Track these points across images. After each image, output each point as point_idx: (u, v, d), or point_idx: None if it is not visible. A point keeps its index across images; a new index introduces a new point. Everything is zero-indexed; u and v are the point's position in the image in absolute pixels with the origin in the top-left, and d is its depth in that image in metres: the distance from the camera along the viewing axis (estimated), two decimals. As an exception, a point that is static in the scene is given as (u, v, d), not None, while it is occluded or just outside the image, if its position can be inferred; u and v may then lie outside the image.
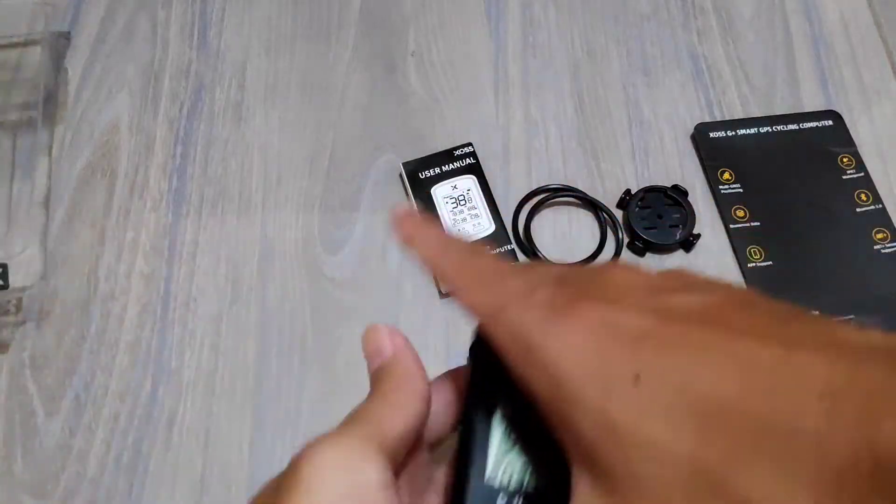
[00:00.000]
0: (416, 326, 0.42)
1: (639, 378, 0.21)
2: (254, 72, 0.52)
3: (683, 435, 0.20)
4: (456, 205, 0.46)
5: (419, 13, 0.55)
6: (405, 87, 0.52)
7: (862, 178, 0.48)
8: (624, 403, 0.21)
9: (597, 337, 0.22)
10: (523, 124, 0.50)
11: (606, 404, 0.21)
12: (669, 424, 0.20)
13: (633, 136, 0.50)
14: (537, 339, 0.23)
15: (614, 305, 0.23)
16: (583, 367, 0.22)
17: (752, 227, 0.47)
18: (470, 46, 0.54)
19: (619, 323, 0.22)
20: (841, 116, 0.50)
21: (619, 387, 0.21)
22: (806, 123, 0.50)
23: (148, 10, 0.55)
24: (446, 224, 0.45)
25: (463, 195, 0.46)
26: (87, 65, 0.52)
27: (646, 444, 0.20)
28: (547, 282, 0.25)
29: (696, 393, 0.20)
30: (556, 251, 0.46)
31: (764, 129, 0.50)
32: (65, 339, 0.43)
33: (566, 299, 0.24)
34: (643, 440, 0.20)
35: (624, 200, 0.47)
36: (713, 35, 0.54)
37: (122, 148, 0.49)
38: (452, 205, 0.46)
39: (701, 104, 0.52)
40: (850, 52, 0.54)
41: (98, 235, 0.46)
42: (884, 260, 0.46)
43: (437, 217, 0.45)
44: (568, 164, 0.49)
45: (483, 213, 0.45)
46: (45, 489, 0.39)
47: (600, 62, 0.53)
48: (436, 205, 0.46)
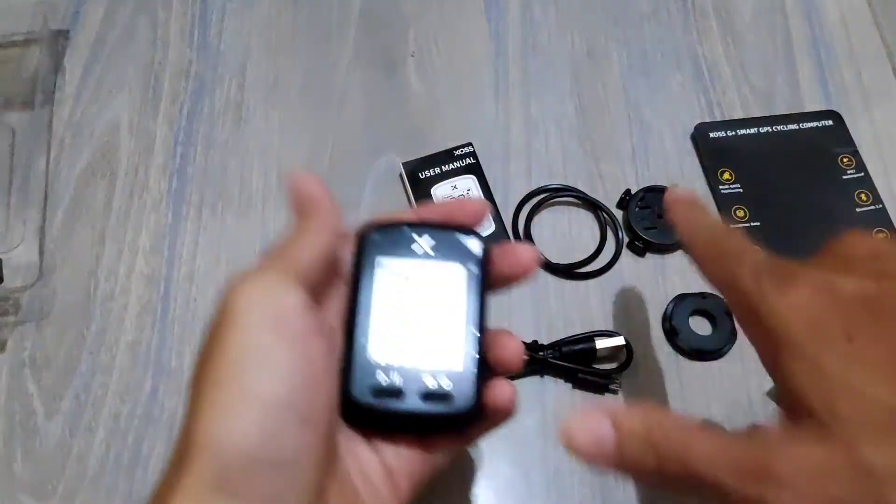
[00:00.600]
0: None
1: (851, 337, 0.25)
2: (254, 72, 0.52)
3: (888, 387, 0.23)
4: (456, 205, 0.46)
5: (419, 13, 0.55)
6: (405, 88, 0.52)
7: (862, 178, 0.48)
8: (836, 357, 0.24)
9: (815, 299, 0.26)
10: (523, 124, 0.50)
11: (821, 356, 0.25)
12: (875, 377, 0.24)
13: (633, 136, 0.50)
14: (764, 302, 0.27)
15: (836, 271, 0.27)
16: (802, 324, 0.25)
17: (751, 227, 0.47)
18: (470, 46, 0.54)
19: (836, 287, 0.26)
20: (841, 116, 0.50)
21: (834, 343, 0.25)
22: (806, 123, 0.50)
23: (148, 11, 0.55)
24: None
25: (463, 195, 0.46)
26: (87, 65, 0.52)
27: (850, 392, 0.24)
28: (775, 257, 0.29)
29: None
30: (557, 251, 0.46)
31: (764, 129, 0.50)
32: (65, 339, 0.43)
33: (790, 267, 0.28)
34: (849, 388, 0.24)
35: (624, 200, 0.47)
36: (713, 35, 0.54)
37: (122, 148, 0.49)
38: (452, 205, 0.46)
39: (701, 104, 0.52)
40: (850, 52, 0.54)
41: (98, 235, 0.46)
42: (884, 260, 0.45)
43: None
44: (568, 164, 0.49)
45: (483, 213, 0.45)
46: (45, 489, 0.39)
47: (600, 62, 0.53)
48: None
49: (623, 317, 0.44)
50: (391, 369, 0.29)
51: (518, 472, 0.40)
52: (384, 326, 0.29)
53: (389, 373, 0.29)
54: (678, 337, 0.43)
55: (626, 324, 0.43)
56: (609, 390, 0.41)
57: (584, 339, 0.42)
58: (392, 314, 0.29)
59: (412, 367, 0.29)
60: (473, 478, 0.39)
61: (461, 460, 0.40)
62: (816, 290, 0.26)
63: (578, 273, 0.45)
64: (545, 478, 0.40)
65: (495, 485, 0.39)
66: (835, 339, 0.25)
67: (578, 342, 0.42)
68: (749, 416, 0.41)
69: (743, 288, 0.28)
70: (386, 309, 0.29)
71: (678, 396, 0.42)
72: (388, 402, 0.28)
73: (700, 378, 0.42)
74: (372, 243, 0.30)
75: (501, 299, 0.44)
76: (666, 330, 0.43)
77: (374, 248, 0.30)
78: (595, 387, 0.42)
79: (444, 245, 0.31)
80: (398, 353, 0.29)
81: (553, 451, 0.40)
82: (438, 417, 0.29)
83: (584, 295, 0.45)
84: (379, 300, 0.30)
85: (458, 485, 0.39)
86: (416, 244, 0.30)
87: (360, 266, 0.30)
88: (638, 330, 0.43)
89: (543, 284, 0.45)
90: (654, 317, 0.44)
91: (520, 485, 0.39)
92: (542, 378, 0.42)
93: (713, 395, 0.42)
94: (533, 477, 0.40)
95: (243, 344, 0.25)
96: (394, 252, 0.30)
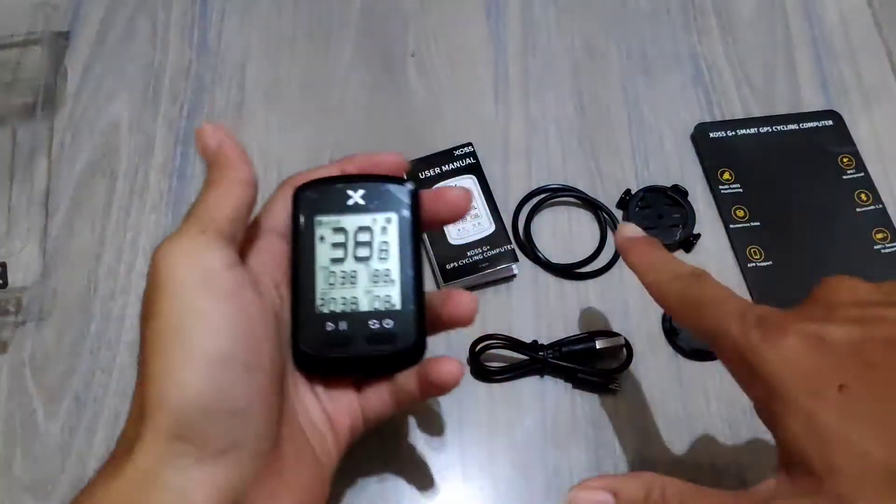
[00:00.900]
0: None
1: (844, 387, 0.24)
2: (254, 72, 0.52)
3: (881, 441, 0.23)
4: (456, 205, 0.46)
5: (419, 13, 0.55)
6: (405, 87, 0.52)
7: (862, 178, 0.48)
8: (829, 409, 0.24)
9: (806, 348, 0.26)
10: (523, 124, 0.50)
11: (814, 409, 0.25)
12: (868, 430, 0.24)
13: (633, 136, 0.50)
14: (755, 354, 0.26)
15: (823, 320, 0.26)
16: (793, 375, 0.25)
17: (752, 227, 0.47)
18: (470, 46, 0.54)
19: (827, 336, 0.26)
20: (841, 116, 0.50)
21: (826, 394, 0.25)
22: (806, 123, 0.50)
23: (148, 11, 0.55)
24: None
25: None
26: (87, 65, 0.52)
27: (846, 445, 0.24)
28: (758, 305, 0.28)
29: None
30: (556, 251, 0.46)
31: (764, 129, 0.50)
32: (65, 339, 0.43)
33: (778, 316, 0.27)
34: (843, 440, 0.24)
35: (624, 200, 0.47)
36: (713, 35, 0.54)
37: (122, 148, 0.49)
38: (452, 205, 0.46)
39: (701, 104, 0.52)
40: (850, 52, 0.54)
41: (98, 235, 0.46)
42: (884, 260, 0.45)
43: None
44: (568, 164, 0.49)
45: (483, 213, 0.45)
46: (45, 489, 0.39)
47: (600, 62, 0.53)
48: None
49: (623, 317, 0.44)
50: (337, 318, 0.31)
51: (518, 472, 0.40)
52: (327, 278, 0.32)
53: (336, 322, 0.31)
54: (678, 337, 0.43)
55: (626, 324, 0.43)
56: (609, 390, 0.41)
57: (584, 338, 0.42)
58: (334, 266, 0.32)
59: (356, 313, 0.31)
60: (473, 478, 0.40)
61: (461, 460, 0.40)
62: (806, 340, 0.26)
63: (578, 273, 0.45)
64: (545, 478, 0.40)
65: (495, 485, 0.39)
66: (827, 391, 0.25)
67: (578, 342, 0.42)
68: (748, 417, 0.41)
69: (731, 338, 0.28)
70: (327, 262, 0.32)
71: (678, 396, 0.42)
72: (337, 350, 0.31)
73: (700, 378, 0.42)
74: (308, 201, 0.32)
75: (501, 299, 0.44)
76: (666, 330, 0.43)
77: (311, 206, 0.32)
78: (595, 387, 0.42)
79: (376, 195, 0.32)
80: (342, 302, 0.31)
81: (553, 451, 0.40)
82: (384, 357, 0.32)
83: (584, 295, 0.45)
84: (320, 255, 0.32)
85: (458, 485, 0.39)
86: (349, 198, 0.32)
87: (299, 224, 0.32)
88: (638, 330, 0.43)
89: (543, 284, 0.45)
90: (654, 317, 0.44)
91: (520, 485, 0.39)
92: (542, 378, 0.42)
93: (713, 395, 0.42)
94: (533, 477, 0.40)
95: (178, 307, 0.26)
96: (330, 208, 0.32)
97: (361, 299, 0.31)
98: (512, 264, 0.44)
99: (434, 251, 0.44)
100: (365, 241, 0.32)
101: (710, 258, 0.46)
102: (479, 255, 0.44)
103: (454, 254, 0.44)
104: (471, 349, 0.42)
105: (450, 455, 0.40)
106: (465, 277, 0.44)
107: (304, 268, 0.32)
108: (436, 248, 0.44)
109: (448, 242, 0.44)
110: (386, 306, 0.31)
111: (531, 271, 0.46)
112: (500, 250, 0.44)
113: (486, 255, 0.44)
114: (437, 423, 0.41)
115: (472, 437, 0.41)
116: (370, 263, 0.32)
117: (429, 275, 0.45)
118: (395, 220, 0.32)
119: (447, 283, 0.44)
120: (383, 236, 0.32)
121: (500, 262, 0.44)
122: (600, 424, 0.41)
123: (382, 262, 0.32)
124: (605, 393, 0.42)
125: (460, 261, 0.44)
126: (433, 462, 0.40)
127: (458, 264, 0.44)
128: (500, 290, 0.45)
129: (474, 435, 0.41)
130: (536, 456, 0.40)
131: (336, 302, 0.31)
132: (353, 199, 0.32)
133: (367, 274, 0.32)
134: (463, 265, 0.44)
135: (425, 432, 0.41)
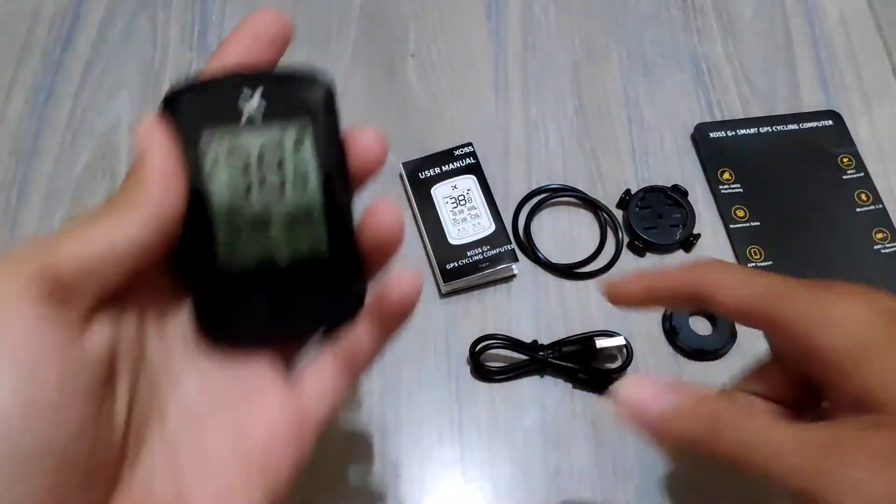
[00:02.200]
0: (416, 326, 0.42)
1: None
2: (254, 72, 0.52)
3: None
4: (456, 205, 0.46)
5: (419, 13, 0.55)
6: (405, 88, 0.52)
7: (862, 178, 0.48)
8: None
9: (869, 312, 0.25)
10: (523, 124, 0.50)
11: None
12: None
13: (633, 136, 0.50)
14: (819, 320, 0.25)
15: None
16: (861, 334, 0.24)
17: (752, 227, 0.47)
18: (470, 46, 0.54)
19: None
20: (841, 116, 0.50)
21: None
22: (806, 123, 0.50)
23: (148, 11, 0.55)
24: (446, 224, 0.45)
25: (463, 195, 0.46)
26: (87, 65, 0.52)
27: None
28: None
29: None
30: (556, 251, 0.46)
31: (764, 129, 0.50)
32: (65, 340, 0.43)
33: (831, 286, 0.26)
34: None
35: (624, 200, 0.47)
36: (713, 35, 0.54)
37: (122, 148, 0.49)
38: (452, 205, 0.46)
39: (701, 104, 0.52)
40: (850, 52, 0.54)
41: (98, 235, 0.46)
42: (884, 260, 0.45)
43: (437, 216, 0.45)
44: (568, 164, 0.49)
45: (483, 213, 0.45)
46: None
47: (600, 62, 0.53)
48: (436, 205, 0.46)
49: (623, 317, 0.44)
50: (250, 275, 0.24)
51: (518, 472, 0.40)
52: (229, 224, 0.23)
53: (250, 280, 0.24)
54: (678, 337, 0.43)
55: (626, 324, 0.43)
56: (609, 390, 0.41)
57: (585, 339, 0.42)
58: (237, 206, 0.23)
59: (274, 266, 0.24)
60: (473, 478, 0.40)
61: (461, 460, 0.40)
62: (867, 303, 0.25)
63: (578, 273, 0.45)
64: (545, 478, 0.40)
65: (495, 485, 0.39)
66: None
67: (578, 342, 0.42)
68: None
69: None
70: (228, 201, 0.23)
71: (678, 396, 0.42)
72: (255, 317, 0.24)
73: (700, 378, 0.42)
74: (190, 114, 0.23)
75: (501, 299, 0.44)
76: (666, 330, 0.43)
77: (194, 121, 0.23)
78: (595, 387, 0.42)
79: (279, 100, 0.23)
80: (254, 253, 0.24)
81: (553, 451, 0.40)
82: (318, 315, 0.25)
83: (584, 295, 0.45)
84: (216, 191, 0.23)
85: (457, 484, 0.39)
86: (246, 105, 0.23)
87: (182, 149, 0.23)
88: (638, 330, 0.43)
89: (543, 284, 0.45)
90: (654, 317, 0.44)
91: (520, 485, 0.39)
92: (543, 378, 0.42)
93: (713, 395, 0.42)
94: (533, 477, 0.40)
95: None
96: (220, 122, 0.23)
97: (279, 246, 0.24)
98: (512, 264, 0.44)
99: (434, 251, 0.44)
100: (271, 164, 0.23)
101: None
102: (479, 255, 0.44)
103: (454, 254, 0.44)
104: (471, 349, 0.42)
105: (450, 455, 0.40)
106: (466, 277, 0.44)
107: (194, 213, 0.23)
108: (436, 248, 0.44)
109: (448, 242, 0.44)
110: (311, 251, 0.24)
111: (531, 271, 0.46)
112: (500, 250, 0.44)
113: (486, 255, 0.44)
114: (437, 423, 0.41)
115: (472, 437, 0.41)
116: (283, 194, 0.23)
117: (429, 275, 0.45)
118: (309, 133, 0.24)
119: (447, 283, 0.44)
120: (295, 155, 0.23)
121: (501, 261, 0.44)
122: (600, 424, 0.41)
123: (298, 192, 0.24)
124: (604, 393, 0.42)
125: (460, 261, 0.44)
126: (433, 462, 0.40)
127: (458, 264, 0.44)
128: (500, 290, 0.45)
129: (474, 435, 0.41)
130: (536, 456, 0.40)
131: (245, 255, 0.24)
132: (249, 106, 0.23)
133: (282, 212, 0.23)
134: (463, 265, 0.44)
135: (425, 432, 0.41)
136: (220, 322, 0.24)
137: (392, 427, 0.40)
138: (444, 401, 0.41)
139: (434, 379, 0.42)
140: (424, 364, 0.42)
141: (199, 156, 0.23)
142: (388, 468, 0.39)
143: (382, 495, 0.39)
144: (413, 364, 0.42)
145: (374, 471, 0.39)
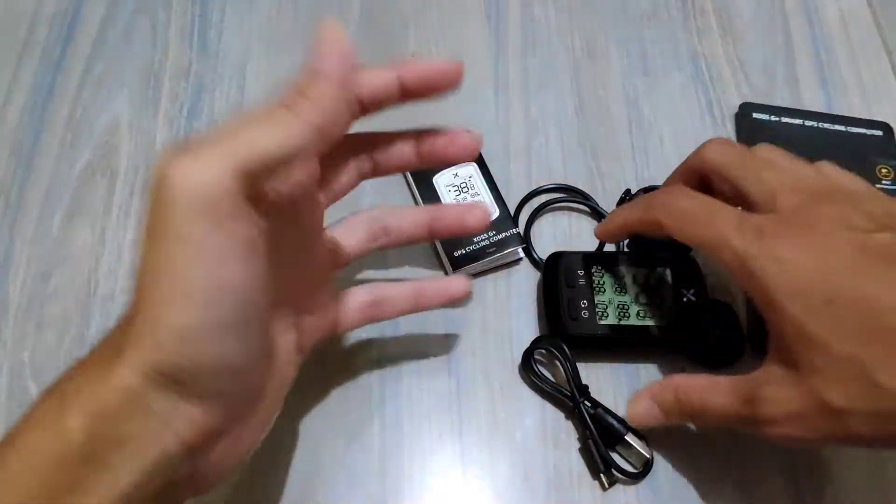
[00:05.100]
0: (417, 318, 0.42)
1: (831, 302, 0.29)
2: (254, 73, 0.52)
3: (853, 343, 0.28)
4: (459, 192, 0.46)
5: (419, 13, 0.55)
6: (405, 88, 0.52)
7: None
8: (816, 320, 0.29)
9: (800, 260, 0.30)
10: (523, 124, 0.50)
11: (804, 319, 0.29)
12: (849, 341, 0.28)
13: (633, 136, 0.50)
14: (754, 263, 0.31)
15: (818, 234, 0.30)
16: (787, 287, 0.30)
17: None
18: (470, 46, 0.54)
19: (820, 249, 0.30)
20: (892, 129, 0.50)
21: (815, 307, 0.29)
22: (854, 128, 0.50)
23: (148, 11, 0.55)
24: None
25: (465, 182, 0.46)
26: (87, 65, 0.52)
27: (826, 351, 0.29)
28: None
29: (876, 320, 0.28)
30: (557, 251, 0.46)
31: (810, 122, 0.49)
32: (65, 339, 0.43)
33: (775, 226, 0.31)
34: (827, 350, 0.29)
35: (624, 200, 0.47)
36: (713, 35, 0.54)
37: (122, 148, 0.49)
38: (455, 192, 0.46)
39: (701, 104, 0.52)
40: (850, 52, 0.54)
41: (98, 235, 0.46)
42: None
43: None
44: (568, 164, 0.49)
45: (487, 199, 0.45)
46: (44, 489, 0.39)
47: (600, 62, 0.53)
48: (438, 193, 0.46)
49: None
50: None
51: (518, 472, 0.40)
52: None
53: None
54: (678, 337, 0.43)
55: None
56: (599, 472, 0.39)
57: (622, 423, 0.39)
58: None
59: None
60: (473, 478, 0.40)
61: (461, 460, 0.40)
62: (799, 251, 0.30)
63: (578, 273, 0.45)
64: (545, 478, 0.40)
65: (495, 485, 0.39)
66: (817, 302, 0.29)
67: (616, 420, 0.39)
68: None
69: (732, 248, 0.32)
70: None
71: (678, 396, 0.42)
72: None
73: (700, 378, 0.42)
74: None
75: (501, 299, 0.44)
76: (666, 330, 0.43)
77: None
78: (592, 463, 0.39)
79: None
80: None
81: (553, 451, 0.40)
82: None
83: (584, 295, 0.45)
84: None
85: (457, 484, 0.39)
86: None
87: None
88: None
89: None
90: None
91: (520, 485, 0.39)
92: (543, 378, 0.42)
93: (713, 395, 0.42)
94: (533, 477, 0.40)
95: (172, 235, 0.23)
96: None
97: None
98: (518, 247, 0.44)
99: (441, 240, 0.44)
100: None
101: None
102: (485, 241, 0.44)
103: (462, 241, 0.44)
104: (528, 349, 0.42)
105: (450, 455, 0.40)
106: (474, 263, 0.44)
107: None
108: (442, 236, 0.44)
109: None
110: None
111: (532, 272, 0.45)
112: (506, 234, 0.44)
113: (492, 241, 0.44)
114: (437, 422, 0.41)
115: (472, 437, 0.41)
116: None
117: (436, 265, 0.45)
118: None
119: (456, 271, 0.44)
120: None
121: (507, 245, 0.44)
122: (600, 424, 0.41)
123: None
124: (596, 475, 0.39)
125: (468, 247, 0.44)
126: (433, 462, 0.40)
127: (466, 251, 0.44)
128: (501, 290, 0.45)
129: (474, 435, 0.41)
130: (536, 456, 0.40)
131: None
132: None
133: None
134: (471, 251, 0.44)
135: (425, 432, 0.41)
136: None
137: (392, 426, 0.40)
138: (444, 400, 0.41)
139: (434, 379, 0.42)
140: (425, 364, 0.42)
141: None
142: (387, 468, 0.39)
143: (382, 495, 0.39)
144: (413, 364, 0.42)
145: (374, 470, 0.39)
